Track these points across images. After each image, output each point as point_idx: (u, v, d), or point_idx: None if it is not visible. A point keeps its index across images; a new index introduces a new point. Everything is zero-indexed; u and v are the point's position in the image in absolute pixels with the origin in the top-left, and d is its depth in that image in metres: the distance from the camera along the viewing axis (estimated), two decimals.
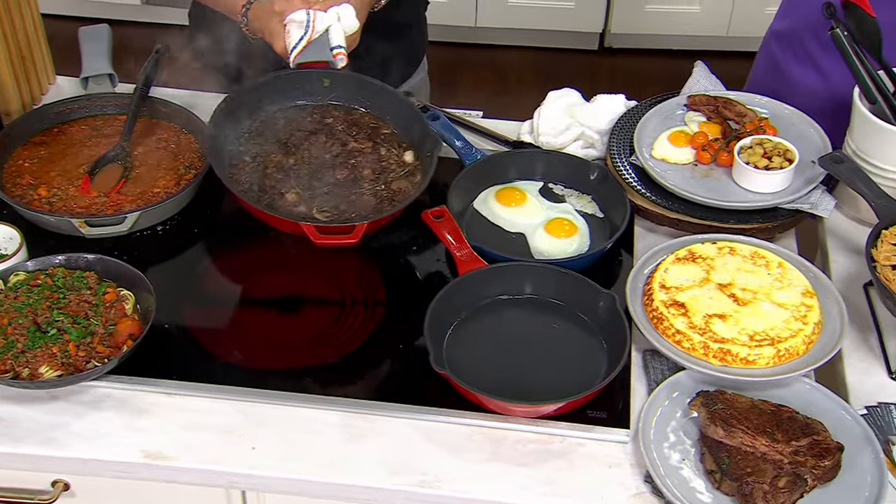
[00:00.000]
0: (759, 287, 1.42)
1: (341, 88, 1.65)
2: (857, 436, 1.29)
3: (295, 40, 1.55)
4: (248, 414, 1.33)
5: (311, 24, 1.53)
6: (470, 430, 1.33)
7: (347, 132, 1.62)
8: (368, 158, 1.58)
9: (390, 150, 1.61)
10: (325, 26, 1.56)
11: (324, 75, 1.63)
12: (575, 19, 3.82)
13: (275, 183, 1.54)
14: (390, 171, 1.58)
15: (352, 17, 1.57)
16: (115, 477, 1.29)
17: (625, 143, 1.68)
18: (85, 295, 1.39)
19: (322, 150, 1.58)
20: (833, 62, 1.69)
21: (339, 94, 1.66)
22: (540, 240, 1.57)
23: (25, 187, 1.61)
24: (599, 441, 1.32)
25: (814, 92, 1.78)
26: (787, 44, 1.83)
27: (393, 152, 1.61)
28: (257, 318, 1.49)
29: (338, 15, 1.56)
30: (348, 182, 1.55)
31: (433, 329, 1.37)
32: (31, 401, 1.32)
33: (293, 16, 1.54)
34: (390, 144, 1.62)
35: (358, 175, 1.56)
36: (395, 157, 1.61)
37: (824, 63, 1.75)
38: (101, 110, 1.78)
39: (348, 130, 1.62)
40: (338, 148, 1.59)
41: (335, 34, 1.56)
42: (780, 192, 1.55)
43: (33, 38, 1.82)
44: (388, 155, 1.60)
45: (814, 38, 1.74)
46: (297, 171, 1.55)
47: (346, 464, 1.28)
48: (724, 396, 1.30)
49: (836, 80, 1.73)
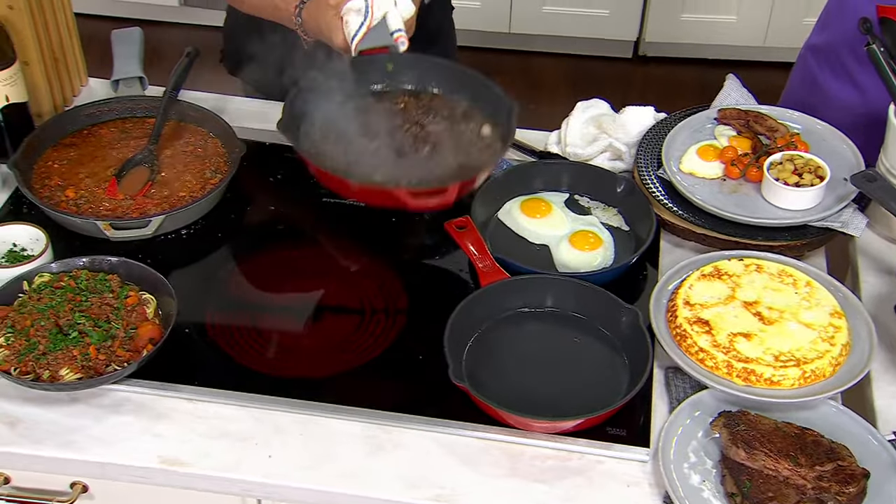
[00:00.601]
0: (786, 306, 1.40)
1: (407, 71, 1.63)
2: (884, 462, 1.26)
3: (354, 28, 1.53)
4: (266, 422, 1.33)
5: (369, 10, 1.52)
6: (488, 444, 1.31)
7: (423, 113, 1.60)
8: (447, 136, 1.56)
9: (468, 125, 1.59)
10: (383, 12, 1.54)
11: (387, 60, 1.61)
12: (609, 27, 3.80)
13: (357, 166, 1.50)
14: (472, 145, 1.56)
15: (408, 1, 1.55)
16: (132, 481, 1.29)
17: (653, 155, 1.66)
18: (107, 298, 1.40)
19: (400, 134, 1.56)
20: (870, 77, 1.66)
21: (406, 77, 1.64)
22: (564, 252, 1.56)
23: (53, 188, 1.63)
24: (619, 459, 1.30)
25: (850, 107, 1.75)
26: (823, 58, 1.80)
27: (471, 126, 1.59)
28: (278, 325, 1.49)
29: (394, 0, 1.55)
30: (431, 159, 1.53)
31: (453, 341, 1.36)
32: (51, 403, 1.33)
33: (350, 5, 1.53)
34: (467, 120, 1.60)
35: (440, 152, 1.54)
36: (473, 132, 1.58)
37: (861, 78, 1.73)
38: (131, 113, 1.79)
39: (423, 112, 1.60)
40: (416, 129, 1.58)
41: (393, 18, 1.55)
42: (810, 210, 1.53)
43: (66, 41, 1.84)
44: (466, 129, 1.58)
45: (851, 52, 1.71)
46: (379, 154, 1.53)
47: (363, 475, 1.28)
48: (747, 417, 1.28)
49: (872, 95, 1.70)
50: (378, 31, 1.53)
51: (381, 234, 1.63)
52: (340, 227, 1.66)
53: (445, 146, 1.53)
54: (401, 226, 1.64)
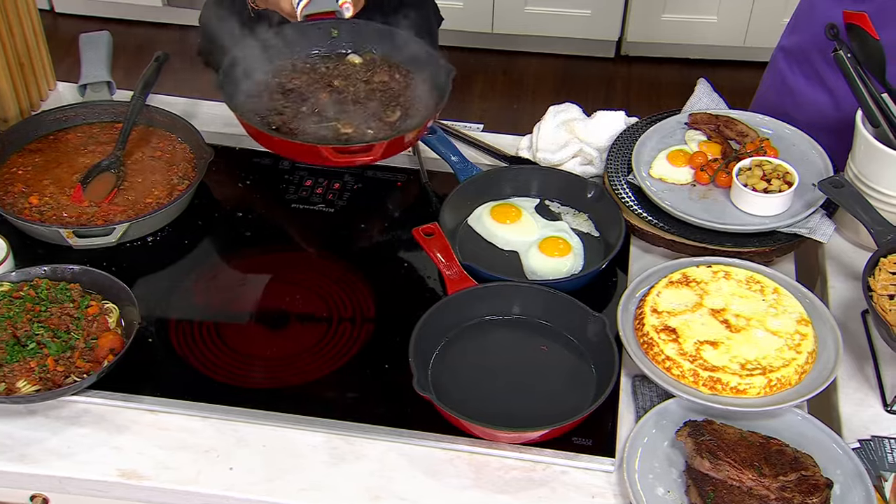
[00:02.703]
0: (753, 313, 1.39)
1: (351, 36, 1.67)
2: (848, 471, 1.25)
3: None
4: (227, 433, 1.31)
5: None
6: (452, 454, 1.30)
7: (366, 70, 1.64)
8: (379, 96, 1.60)
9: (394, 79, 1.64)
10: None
11: (332, 26, 1.65)
12: (592, 27, 3.79)
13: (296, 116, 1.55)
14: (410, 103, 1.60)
15: None
16: (90, 495, 1.28)
17: (623, 160, 1.65)
18: (67, 308, 1.38)
19: (344, 85, 1.60)
20: (841, 80, 1.65)
21: (350, 42, 1.67)
22: (533, 258, 1.55)
23: (17, 195, 1.61)
24: (584, 469, 1.29)
25: (820, 110, 1.75)
26: (794, 61, 1.79)
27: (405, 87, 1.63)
28: (243, 334, 1.48)
29: None
30: (359, 117, 1.56)
31: (418, 351, 1.35)
32: (7, 415, 1.31)
33: None
34: (403, 81, 1.64)
35: (368, 110, 1.57)
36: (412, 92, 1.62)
37: (832, 81, 1.72)
38: (98, 118, 1.78)
39: (366, 68, 1.64)
40: (358, 84, 1.61)
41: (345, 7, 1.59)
42: (779, 216, 1.52)
43: (32, 45, 1.82)
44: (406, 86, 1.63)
45: (820, 55, 1.71)
46: (308, 114, 1.56)
47: (325, 487, 1.26)
48: (712, 427, 1.27)
49: (842, 98, 1.69)
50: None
51: (350, 241, 1.62)
52: (309, 233, 1.64)
53: (376, 106, 1.56)
54: (370, 232, 1.63)
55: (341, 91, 1.59)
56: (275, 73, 1.63)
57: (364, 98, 1.59)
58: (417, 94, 1.61)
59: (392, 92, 1.61)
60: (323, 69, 1.63)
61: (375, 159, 1.47)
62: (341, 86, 1.59)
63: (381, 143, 1.46)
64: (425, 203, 1.66)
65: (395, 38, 1.67)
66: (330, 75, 1.62)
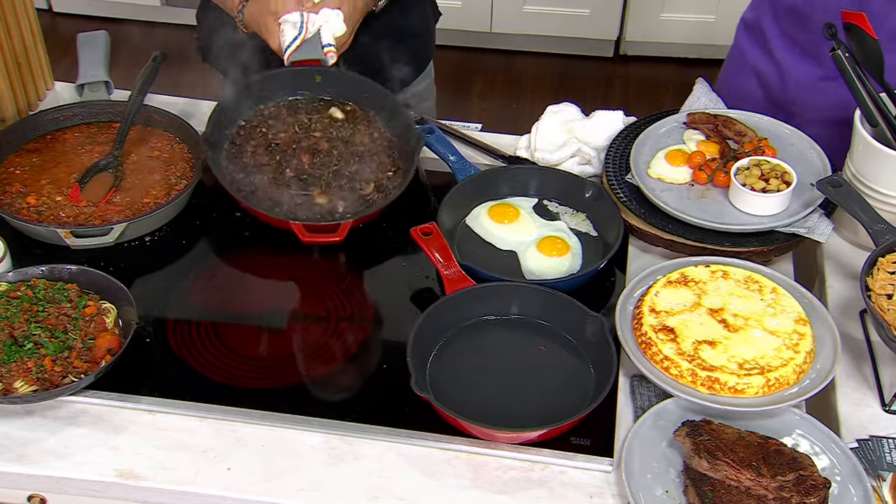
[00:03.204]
0: (752, 313, 1.39)
1: (333, 84, 1.72)
2: (846, 471, 1.25)
3: (289, 39, 1.63)
4: (225, 433, 1.31)
5: (304, 25, 1.62)
6: (451, 454, 1.30)
7: (348, 127, 1.68)
8: (368, 157, 1.64)
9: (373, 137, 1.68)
10: (318, 27, 1.64)
11: (316, 72, 1.69)
12: (590, 26, 3.79)
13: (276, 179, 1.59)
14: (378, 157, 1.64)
15: (339, 21, 1.65)
16: (88, 495, 1.28)
17: (621, 160, 1.64)
18: (65, 308, 1.38)
19: (328, 147, 1.64)
20: (788, 54, 1.71)
21: (333, 90, 1.72)
22: (531, 258, 1.55)
23: (14, 195, 1.60)
24: (582, 469, 1.29)
25: (769, 83, 1.77)
26: (752, 32, 1.80)
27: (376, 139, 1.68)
28: (241, 334, 1.47)
29: (327, 18, 1.64)
30: (346, 176, 1.61)
31: (416, 350, 1.35)
32: (5, 416, 1.31)
33: (287, 17, 1.63)
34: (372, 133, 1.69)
35: (355, 173, 1.61)
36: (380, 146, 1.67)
37: (780, 53, 1.73)
38: (96, 118, 1.77)
39: (347, 125, 1.68)
40: (339, 145, 1.65)
41: (325, 34, 1.64)
42: (777, 215, 1.52)
43: (30, 45, 1.82)
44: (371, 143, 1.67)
45: (775, 25, 1.72)
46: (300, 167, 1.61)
47: (324, 488, 1.26)
48: (710, 427, 1.27)
49: (787, 71, 1.73)
50: (311, 43, 1.64)
51: (348, 241, 1.61)
52: None
53: (352, 176, 1.61)
54: (367, 233, 1.63)
55: (324, 154, 1.63)
56: (260, 121, 1.68)
57: (343, 164, 1.62)
58: (390, 157, 1.65)
59: (369, 156, 1.64)
60: (305, 120, 1.68)
61: (340, 239, 1.51)
62: (325, 149, 1.64)
63: (346, 222, 1.51)
64: (423, 202, 1.66)
65: (373, 89, 1.71)
66: (313, 130, 1.67)
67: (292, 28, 1.62)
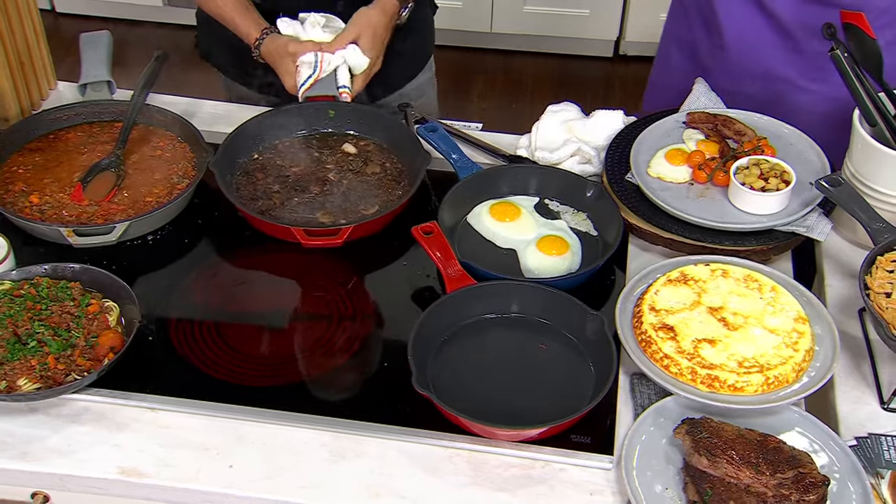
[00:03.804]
0: (751, 311, 1.40)
1: (346, 117, 1.77)
2: (845, 468, 1.26)
3: (303, 78, 1.71)
4: (227, 431, 1.32)
5: (318, 65, 1.69)
6: (451, 452, 1.31)
7: (359, 159, 1.73)
8: (377, 183, 1.68)
9: (385, 168, 1.71)
10: (333, 67, 1.71)
11: (329, 107, 1.76)
12: (590, 27, 3.80)
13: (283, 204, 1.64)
14: (383, 188, 1.67)
15: (358, 56, 1.72)
16: (91, 493, 1.28)
17: (621, 159, 1.65)
18: (68, 306, 1.39)
19: (337, 178, 1.68)
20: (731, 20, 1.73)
21: (347, 123, 1.78)
22: (531, 257, 1.55)
23: (17, 194, 1.61)
24: (582, 467, 1.29)
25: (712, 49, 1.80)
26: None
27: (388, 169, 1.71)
28: (243, 333, 1.48)
29: (344, 58, 1.71)
30: (352, 198, 1.65)
31: (417, 349, 1.35)
32: (8, 413, 1.32)
33: (303, 58, 1.70)
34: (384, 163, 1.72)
35: (361, 195, 1.65)
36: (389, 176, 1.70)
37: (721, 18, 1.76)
38: (98, 117, 1.78)
39: (359, 158, 1.73)
40: (349, 175, 1.69)
41: (342, 75, 1.72)
42: (777, 214, 1.52)
43: (33, 45, 1.82)
44: (382, 173, 1.70)
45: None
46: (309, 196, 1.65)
47: (325, 485, 1.27)
48: (710, 424, 1.28)
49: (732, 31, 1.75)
50: (327, 81, 1.71)
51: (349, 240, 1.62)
52: None
53: (357, 198, 1.64)
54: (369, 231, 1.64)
55: (334, 184, 1.67)
56: (275, 153, 1.72)
57: (349, 190, 1.66)
58: (398, 182, 1.68)
59: (377, 184, 1.67)
60: (316, 154, 1.73)
61: (341, 242, 1.54)
62: (334, 179, 1.67)
63: (346, 227, 1.53)
64: (425, 201, 1.67)
65: (384, 121, 1.76)
66: (325, 163, 1.71)
67: (308, 68, 1.70)
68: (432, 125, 1.75)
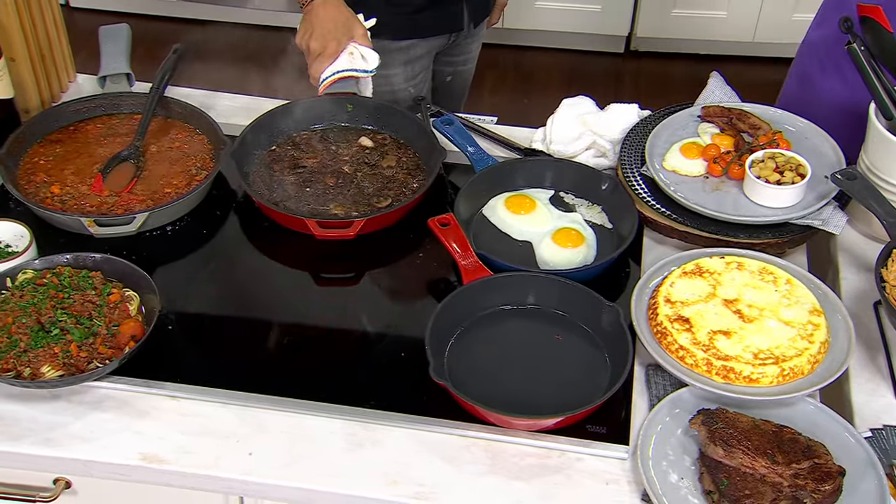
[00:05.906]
0: (766, 304, 1.41)
1: (363, 111, 1.79)
2: (860, 459, 1.27)
3: (328, 73, 1.72)
4: (247, 419, 1.33)
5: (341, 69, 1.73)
6: (468, 441, 1.32)
7: (376, 153, 1.73)
8: (391, 177, 1.68)
9: (399, 163, 1.71)
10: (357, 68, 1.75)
11: (348, 101, 1.77)
12: (601, 22, 3.80)
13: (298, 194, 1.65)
14: (397, 182, 1.67)
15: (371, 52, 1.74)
16: (113, 478, 1.30)
17: (636, 153, 1.66)
18: (90, 295, 1.40)
19: (351, 171, 1.69)
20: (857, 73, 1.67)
21: (365, 117, 1.79)
22: (546, 249, 1.56)
23: (39, 185, 1.63)
24: (598, 457, 1.30)
25: (838, 103, 1.76)
26: (815, 53, 1.80)
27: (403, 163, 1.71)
28: (261, 322, 1.50)
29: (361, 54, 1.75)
30: (366, 191, 1.65)
31: (434, 339, 1.36)
32: (32, 400, 1.34)
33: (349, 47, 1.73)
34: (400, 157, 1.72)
35: (376, 188, 1.65)
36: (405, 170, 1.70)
37: (850, 74, 1.73)
38: (118, 109, 1.80)
39: (376, 151, 1.73)
40: (364, 168, 1.70)
41: (365, 87, 1.77)
42: (792, 208, 1.53)
43: (54, 37, 1.84)
44: (398, 167, 1.70)
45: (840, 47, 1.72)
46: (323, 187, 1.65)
47: (343, 473, 1.28)
48: (726, 415, 1.29)
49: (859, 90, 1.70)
50: (347, 80, 1.73)
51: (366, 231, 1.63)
52: None
53: (371, 191, 1.65)
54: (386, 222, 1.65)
55: (348, 176, 1.68)
56: (292, 146, 1.74)
57: (363, 182, 1.67)
58: (413, 177, 1.69)
59: (391, 177, 1.68)
60: (333, 147, 1.74)
61: (353, 234, 1.55)
62: (349, 172, 1.69)
63: (358, 220, 1.54)
64: (441, 193, 1.68)
65: (400, 116, 1.77)
66: (341, 156, 1.72)
67: (347, 60, 1.72)
68: (448, 118, 1.76)
